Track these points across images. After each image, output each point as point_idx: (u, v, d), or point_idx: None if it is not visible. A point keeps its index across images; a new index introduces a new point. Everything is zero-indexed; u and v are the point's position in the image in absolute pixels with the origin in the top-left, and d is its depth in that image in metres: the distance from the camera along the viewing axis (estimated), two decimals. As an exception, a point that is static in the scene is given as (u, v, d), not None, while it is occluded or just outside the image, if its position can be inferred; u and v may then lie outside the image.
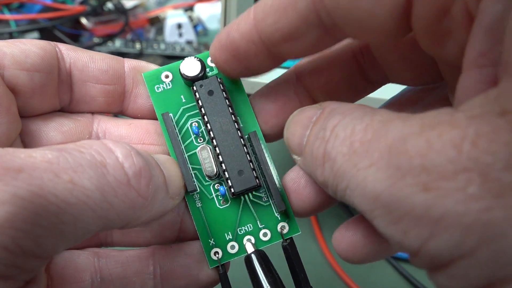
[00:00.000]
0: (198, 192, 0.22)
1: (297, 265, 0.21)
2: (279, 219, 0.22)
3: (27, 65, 0.20)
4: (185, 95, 0.22)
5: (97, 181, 0.15)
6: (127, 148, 0.17)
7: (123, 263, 0.21)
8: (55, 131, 0.21)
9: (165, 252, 0.21)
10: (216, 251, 0.21)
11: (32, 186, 0.14)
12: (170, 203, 0.19)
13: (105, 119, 0.23)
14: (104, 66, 0.22)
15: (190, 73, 0.21)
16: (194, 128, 0.22)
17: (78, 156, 0.15)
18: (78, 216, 0.15)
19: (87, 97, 0.22)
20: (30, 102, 0.21)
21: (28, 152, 0.15)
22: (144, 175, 0.17)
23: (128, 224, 0.17)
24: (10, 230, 0.13)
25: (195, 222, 0.21)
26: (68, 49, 0.21)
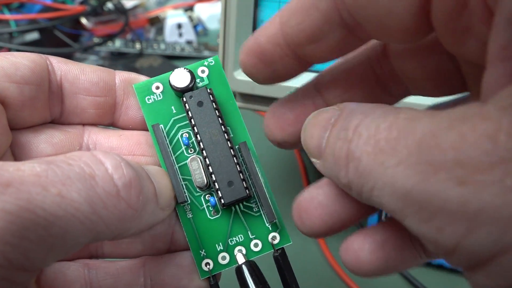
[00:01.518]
0: (189, 203, 0.22)
1: (288, 275, 0.21)
2: (270, 230, 0.22)
3: (17, 78, 0.20)
4: (175, 106, 0.22)
5: (86, 193, 0.15)
6: (117, 159, 0.17)
7: (114, 275, 0.21)
8: (45, 143, 0.21)
9: (156, 263, 0.21)
10: (207, 262, 0.21)
11: (20, 200, 0.14)
12: (160, 214, 0.19)
13: (95, 131, 0.23)
14: (94, 78, 0.22)
15: (180, 84, 0.21)
16: (184, 139, 0.22)
17: (67, 168, 0.15)
18: (66, 229, 0.15)
19: (78, 109, 0.22)
20: (20, 115, 0.21)
21: (17, 166, 0.14)
22: (134, 186, 0.17)
23: (118, 235, 0.17)
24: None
25: (186, 233, 0.21)
26: (59, 61, 0.21)
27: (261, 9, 0.31)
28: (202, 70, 0.23)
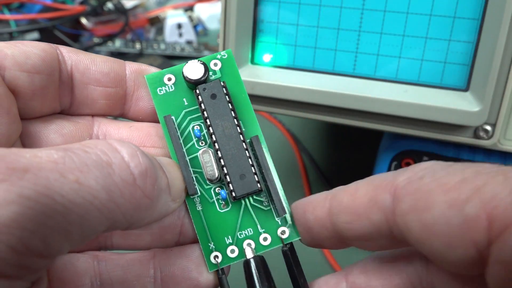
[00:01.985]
0: (199, 196, 0.22)
1: (296, 270, 0.21)
2: (280, 224, 0.22)
3: (27, 67, 0.20)
4: (187, 98, 0.22)
5: (103, 181, 0.15)
6: (133, 148, 0.17)
7: (123, 267, 0.21)
8: (55, 133, 0.21)
9: (165, 255, 0.21)
10: (215, 255, 0.21)
11: (38, 186, 0.14)
12: (171, 205, 0.19)
13: (105, 122, 0.23)
14: (105, 68, 0.22)
15: (193, 76, 0.21)
16: (196, 131, 0.22)
17: (84, 156, 0.15)
18: (84, 216, 0.15)
19: (88, 99, 0.22)
20: (30, 104, 0.21)
21: (34, 152, 0.14)
22: (150, 175, 0.17)
23: (132, 225, 0.17)
24: (17, 230, 0.13)
25: (195, 225, 0.21)
26: (70, 51, 0.21)
27: (261, 9, 0.31)
28: (215, 63, 0.22)
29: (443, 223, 0.15)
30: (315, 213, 0.20)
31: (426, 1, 0.28)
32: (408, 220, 0.16)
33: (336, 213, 0.19)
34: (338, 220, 0.18)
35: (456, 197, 0.15)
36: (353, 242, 0.19)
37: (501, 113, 0.29)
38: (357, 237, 0.18)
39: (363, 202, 0.18)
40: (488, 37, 0.28)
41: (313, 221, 0.20)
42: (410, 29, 0.29)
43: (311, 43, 0.31)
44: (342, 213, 0.18)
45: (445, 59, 0.29)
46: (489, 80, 0.28)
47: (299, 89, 0.31)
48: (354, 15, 0.30)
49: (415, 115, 0.29)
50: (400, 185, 0.17)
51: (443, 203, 0.15)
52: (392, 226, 0.17)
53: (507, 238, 0.14)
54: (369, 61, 0.31)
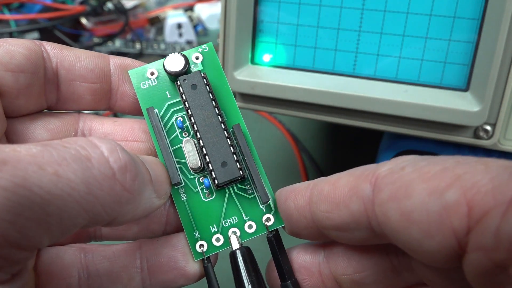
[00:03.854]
0: (183, 186, 0.22)
1: (282, 257, 0.21)
2: (264, 211, 0.22)
3: (11, 66, 0.20)
4: (170, 91, 0.23)
5: (82, 174, 0.15)
6: (112, 144, 0.17)
7: (110, 258, 0.21)
8: (41, 129, 0.22)
9: (152, 246, 0.22)
10: (201, 244, 0.21)
11: (16, 177, 0.14)
12: (156, 202, 0.19)
13: (90, 117, 0.23)
14: (90, 65, 0.22)
15: (174, 68, 0.22)
16: (178, 122, 0.22)
17: (63, 150, 0.15)
18: (63, 208, 0.15)
19: (74, 95, 0.22)
20: (15, 103, 0.21)
21: (13, 147, 0.15)
22: (130, 170, 0.17)
23: (114, 220, 0.17)
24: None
25: (180, 215, 0.22)
26: (54, 48, 0.22)
27: (261, 9, 0.31)
28: (197, 57, 0.23)
29: (422, 210, 0.15)
30: (296, 201, 0.20)
31: (426, 1, 0.28)
32: (387, 208, 0.16)
33: (315, 202, 0.19)
34: (317, 209, 0.19)
35: (437, 185, 0.15)
36: (330, 232, 0.19)
37: (501, 113, 0.29)
38: (334, 227, 0.18)
39: (343, 191, 0.18)
40: (488, 37, 0.28)
41: (293, 209, 0.20)
42: (410, 29, 0.29)
43: (311, 43, 0.31)
44: (321, 202, 0.18)
45: (445, 59, 0.29)
46: (489, 80, 0.28)
47: (299, 89, 0.31)
48: (354, 15, 0.30)
49: (415, 115, 0.29)
50: (381, 175, 0.16)
51: (423, 190, 0.15)
52: (371, 217, 0.17)
53: (487, 223, 0.14)
54: (369, 61, 0.31)
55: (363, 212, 0.17)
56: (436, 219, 0.15)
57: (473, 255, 0.14)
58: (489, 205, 0.14)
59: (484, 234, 0.14)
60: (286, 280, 0.20)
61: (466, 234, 0.14)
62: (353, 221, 0.17)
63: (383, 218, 0.16)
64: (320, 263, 0.21)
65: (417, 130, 0.31)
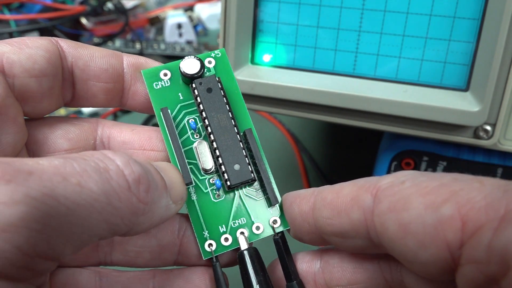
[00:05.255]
0: (194, 186, 0.22)
1: (287, 258, 0.21)
2: (271, 214, 0.22)
3: (35, 72, 0.20)
4: (182, 93, 0.23)
5: (103, 185, 0.16)
6: (125, 157, 0.17)
7: (124, 284, 0.22)
8: (61, 138, 0.22)
9: (165, 276, 0.22)
10: (210, 243, 0.22)
11: (43, 187, 0.14)
12: (172, 208, 0.19)
13: (109, 124, 0.23)
14: (104, 64, 0.22)
15: (190, 71, 0.22)
16: (192, 124, 0.23)
17: (83, 162, 0.16)
18: (86, 218, 0.15)
19: (88, 94, 0.23)
20: (39, 106, 0.21)
21: (35, 160, 0.15)
22: (143, 182, 0.17)
23: (131, 229, 0.17)
24: (24, 230, 0.13)
25: (190, 214, 0.22)
26: (69, 46, 0.22)
27: (261, 9, 0.31)
28: (209, 61, 0.24)
29: (419, 222, 0.16)
30: (300, 206, 0.20)
31: (426, 1, 0.28)
32: (385, 219, 0.17)
33: (318, 208, 0.19)
34: (320, 215, 0.19)
35: (433, 199, 0.15)
36: (330, 238, 0.19)
37: (501, 113, 0.29)
38: (335, 234, 0.19)
39: (345, 200, 0.18)
40: (488, 37, 0.28)
41: (297, 213, 0.20)
42: (410, 29, 0.29)
43: (311, 43, 0.31)
44: (324, 208, 0.19)
45: (445, 59, 0.29)
46: (489, 80, 0.28)
47: (299, 89, 0.31)
48: (354, 15, 0.30)
49: (415, 115, 0.29)
50: (382, 187, 0.17)
51: (420, 204, 0.16)
52: (370, 226, 0.17)
53: (479, 237, 0.14)
54: (369, 61, 0.31)
55: (363, 222, 0.18)
56: (431, 231, 0.15)
57: (466, 268, 0.15)
58: (482, 221, 0.14)
59: (477, 248, 0.14)
60: (291, 280, 0.21)
61: (459, 247, 0.15)
62: (352, 229, 0.18)
63: (381, 228, 0.17)
64: (315, 273, 0.21)
65: (417, 130, 0.31)
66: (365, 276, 0.20)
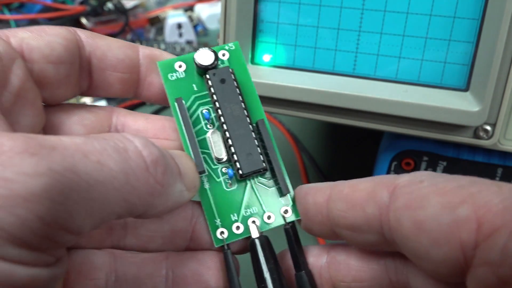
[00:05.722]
0: (207, 175, 0.23)
1: (297, 248, 0.22)
2: (283, 203, 0.23)
3: (53, 58, 0.21)
4: (197, 84, 0.24)
5: (122, 164, 0.16)
6: (144, 139, 0.18)
7: (138, 265, 0.22)
8: (77, 124, 0.23)
9: (178, 258, 0.22)
10: (222, 231, 0.22)
11: (66, 162, 0.15)
12: (186, 195, 0.20)
13: (123, 113, 0.24)
14: (121, 55, 0.23)
15: (204, 62, 0.23)
16: (206, 114, 0.23)
17: (103, 142, 0.16)
18: (105, 194, 0.16)
19: (105, 84, 0.23)
20: (56, 92, 0.22)
21: (58, 137, 0.16)
22: (160, 164, 0.18)
23: (147, 211, 0.18)
24: (46, 201, 0.14)
25: (202, 202, 0.22)
26: (87, 36, 0.22)
27: (261, 9, 0.31)
28: (223, 54, 0.24)
29: (434, 220, 0.16)
30: (315, 197, 0.20)
31: (426, 1, 0.28)
32: (401, 215, 0.17)
33: (334, 200, 0.19)
34: (334, 207, 0.19)
35: (450, 200, 0.16)
36: (342, 231, 0.19)
37: (501, 113, 0.29)
38: (347, 227, 0.19)
39: (361, 194, 0.18)
40: (488, 37, 0.28)
41: (311, 204, 0.21)
42: (410, 29, 0.29)
43: (311, 43, 0.31)
44: (339, 200, 0.19)
45: (445, 59, 0.29)
46: (489, 80, 0.28)
47: (299, 89, 0.31)
48: (354, 15, 0.30)
49: (415, 115, 0.29)
50: (399, 184, 0.17)
51: (437, 203, 0.16)
52: (384, 222, 0.17)
53: (494, 240, 0.14)
54: (369, 61, 0.31)
55: (377, 217, 0.18)
56: (446, 230, 0.15)
57: (479, 270, 0.15)
58: (498, 224, 0.14)
59: (491, 250, 0.14)
60: (300, 270, 0.21)
61: (473, 248, 0.15)
62: (366, 224, 0.18)
63: (396, 224, 0.17)
64: (321, 266, 0.21)
65: (417, 130, 0.31)
66: (370, 275, 0.20)
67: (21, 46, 0.20)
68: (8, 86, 0.19)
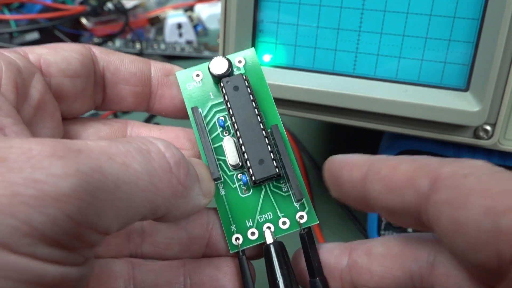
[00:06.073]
0: (222, 181, 0.23)
1: (312, 254, 0.22)
2: (298, 209, 0.23)
3: (70, 72, 0.21)
4: (213, 92, 0.24)
5: (146, 165, 0.17)
6: (166, 142, 0.18)
7: (156, 272, 0.22)
8: (93, 136, 0.23)
9: (195, 264, 0.23)
10: (237, 237, 0.22)
11: (92, 164, 0.15)
12: (202, 200, 0.20)
13: (137, 125, 0.25)
14: (133, 69, 0.24)
15: (218, 70, 0.24)
16: (220, 122, 0.24)
17: (127, 144, 0.17)
18: (131, 195, 0.16)
19: (118, 97, 0.24)
20: (73, 106, 0.23)
21: (83, 141, 0.16)
22: (183, 166, 0.18)
23: (169, 213, 0.18)
24: (75, 200, 0.14)
25: (218, 208, 0.23)
26: (101, 52, 0.23)
27: (261, 9, 0.31)
28: (239, 60, 0.25)
29: (474, 225, 0.15)
30: (351, 173, 0.19)
31: (426, 1, 0.28)
32: (440, 211, 0.16)
33: (371, 180, 0.19)
34: (371, 188, 0.18)
35: (494, 206, 0.15)
36: (379, 211, 0.19)
37: (501, 113, 0.29)
38: (384, 209, 0.18)
39: (401, 178, 0.17)
40: (488, 37, 0.28)
41: (346, 180, 0.20)
42: (410, 29, 0.29)
43: (311, 43, 0.31)
44: (377, 182, 0.18)
45: (445, 59, 0.29)
46: (489, 80, 0.28)
47: (299, 89, 0.31)
48: (354, 15, 0.30)
49: (415, 115, 0.29)
50: (442, 175, 0.16)
51: (480, 206, 0.15)
52: (422, 212, 0.17)
53: None
54: (369, 61, 0.31)
55: (416, 204, 0.17)
56: (485, 238, 0.15)
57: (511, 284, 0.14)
58: None
59: None
60: (315, 277, 0.21)
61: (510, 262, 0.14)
62: (403, 209, 0.17)
63: (434, 218, 0.16)
64: (342, 269, 0.21)
65: (417, 130, 0.31)
66: (395, 282, 0.20)
67: (39, 61, 0.21)
68: (29, 99, 0.20)
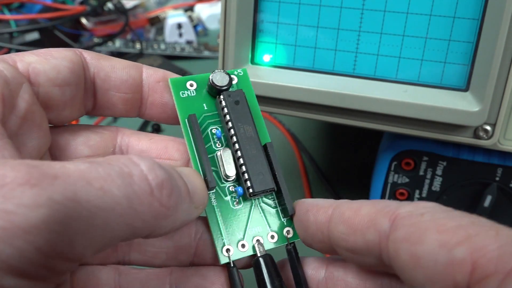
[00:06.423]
0: (214, 192, 0.23)
1: (298, 267, 0.22)
2: (285, 224, 0.23)
3: (59, 81, 0.21)
4: (207, 103, 0.24)
5: (125, 189, 0.16)
6: (150, 162, 0.18)
7: (142, 280, 0.22)
8: (82, 145, 0.23)
9: (182, 273, 0.23)
10: (227, 249, 0.22)
11: (67, 191, 0.15)
12: (194, 212, 0.20)
13: (128, 133, 0.25)
14: (124, 76, 0.23)
15: (220, 83, 0.24)
16: (218, 133, 0.24)
17: (108, 167, 0.16)
18: (107, 221, 0.16)
19: (108, 104, 0.24)
20: (62, 114, 0.22)
21: (62, 164, 0.16)
22: (166, 187, 0.18)
23: (153, 232, 0.18)
24: (45, 232, 0.14)
25: (209, 219, 0.23)
26: (92, 58, 0.23)
27: (261, 10, 0.31)
28: (232, 78, 0.25)
29: (431, 258, 0.16)
30: (316, 215, 0.21)
31: (426, 1, 0.29)
32: (399, 247, 0.17)
33: (335, 222, 0.20)
34: (335, 229, 0.20)
35: (448, 239, 0.16)
36: (343, 252, 0.20)
37: (501, 113, 0.29)
38: (347, 249, 0.19)
39: (363, 220, 0.19)
40: (488, 37, 0.28)
41: (312, 222, 0.21)
42: (410, 29, 0.29)
43: (311, 43, 0.31)
44: (341, 223, 0.19)
45: (445, 59, 0.29)
46: (489, 80, 0.28)
47: (299, 89, 0.31)
48: (354, 15, 0.30)
49: (415, 115, 0.29)
50: (400, 215, 0.18)
51: (435, 241, 0.16)
52: (383, 249, 0.18)
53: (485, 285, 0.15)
54: (369, 61, 0.31)
55: (377, 244, 0.18)
56: (442, 269, 0.16)
57: None
58: (491, 270, 0.15)
59: None
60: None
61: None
62: (365, 249, 0.18)
63: (394, 254, 0.17)
64: (319, 281, 0.22)
65: (417, 130, 0.31)
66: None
67: (27, 70, 0.20)
68: (15, 110, 0.19)
